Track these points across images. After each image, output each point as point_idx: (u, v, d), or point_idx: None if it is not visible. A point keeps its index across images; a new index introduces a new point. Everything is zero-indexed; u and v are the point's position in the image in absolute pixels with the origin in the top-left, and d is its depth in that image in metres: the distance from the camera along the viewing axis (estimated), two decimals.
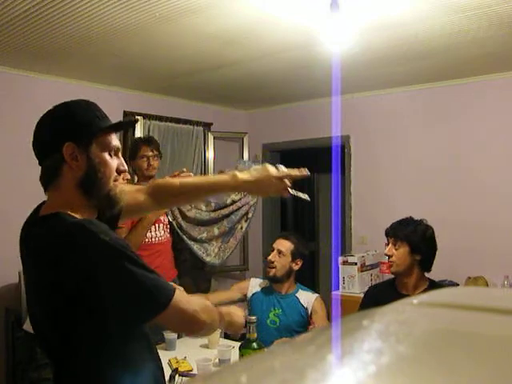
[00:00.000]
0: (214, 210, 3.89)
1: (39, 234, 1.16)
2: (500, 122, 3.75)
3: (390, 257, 2.46)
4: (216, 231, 3.90)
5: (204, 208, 3.85)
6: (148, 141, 3.31)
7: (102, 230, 1.11)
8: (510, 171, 3.67)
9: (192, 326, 1.21)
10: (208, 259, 3.81)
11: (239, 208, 3.92)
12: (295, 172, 1.58)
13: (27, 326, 2.24)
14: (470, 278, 3.54)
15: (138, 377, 1.19)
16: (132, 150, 3.29)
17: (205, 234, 3.84)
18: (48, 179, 1.20)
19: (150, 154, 3.22)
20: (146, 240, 3.20)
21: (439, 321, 0.55)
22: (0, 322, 3.39)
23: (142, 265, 1.11)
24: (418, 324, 0.54)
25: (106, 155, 1.21)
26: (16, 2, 2.34)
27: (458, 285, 3.60)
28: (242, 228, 4.00)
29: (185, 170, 2.18)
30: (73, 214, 1.17)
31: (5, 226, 3.32)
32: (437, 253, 2.49)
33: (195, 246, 3.79)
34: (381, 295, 2.45)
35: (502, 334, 0.49)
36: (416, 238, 2.40)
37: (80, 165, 1.17)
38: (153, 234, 3.24)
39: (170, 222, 3.51)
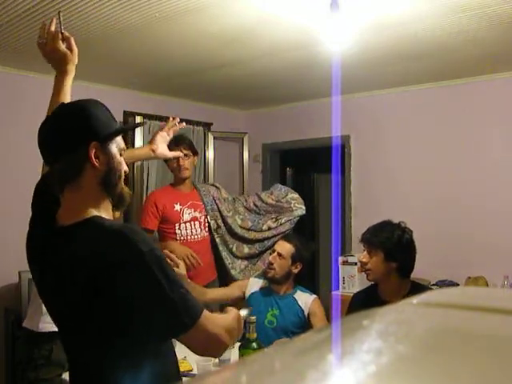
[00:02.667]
0: (249, 230, 3.66)
1: (77, 242, 1.15)
2: (500, 122, 3.75)
3: (365, 264, 2.33)
4: (246, 250, 3.67)
5: (239, 222, 3.64)
6: (177, 140, 3.11)
7: (141, 238, 1.12)
8: (510, 171, 3.67)
9: (214, 349, 1.20)
10: (233, 272, 3.57)
11: (274, 236, 3.64)
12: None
13: (27, 323, 2.24)
14: (470, 277, 3.54)
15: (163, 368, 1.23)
16: None
17: (234, 247, 3.63)
18: (66, 178, 1.20)
19: (180, 154, 3.11)
20: (182, 238, 3.15)
21: (439, 321, 0.55)
22: (0, 322, 3.39)
23: (174, 280, 1.11)
24: (417, 324, 0.54)
25: (119, 155, 1.25)
26: (16, 2, 2.34)
27: (458, 285, 3.60)
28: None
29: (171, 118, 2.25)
30: (102, 216, 1.19)
31: (5, 226, 3.32)
32: (437, 253, 2.47)
33: (224, 253, 3.58)
34: (364, 302, 2.35)
35: (502, 334, 0.49)
36: (391, 245, 2.26)
37: (102, 163, 1.19)
38: (188, 231, 3.18)
39: (208, 222, 3.39)
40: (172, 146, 3.16)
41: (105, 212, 1.23)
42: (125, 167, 1.27)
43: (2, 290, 3.43)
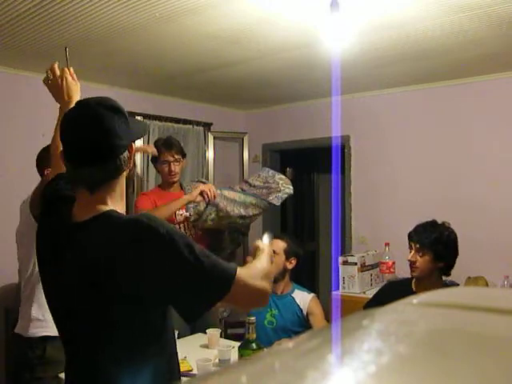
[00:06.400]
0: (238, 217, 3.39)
1: (96, 232, 1.18)
2: (500, 122, 3.75)
3: (413, 263, 2.42)
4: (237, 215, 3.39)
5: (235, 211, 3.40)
6: (168, 145, 3.17)
7: (159, 223, 1.15)
8: (510, 171, 3.67)
9: (259, 300, 1.23)
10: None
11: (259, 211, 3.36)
12: None
13: (18, 330, 2.22)
14: (470, 277, 3.54)
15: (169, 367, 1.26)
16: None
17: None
18: (100, 181, 1.22)
19: (171, 159, 3.13)
20: None
21: (439, 321, 0.55)
22: (0, 322, 3.39)
23: (200, 251, 1.14)
24: (417, 324, 0.54)
25: None
26: (16, 2, 2.34)
27: (458, 285, 3.59)
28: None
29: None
30: (118, 211, 1.23)
31: (5, 226, 3.32)
32: None
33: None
34: (397, 293, 2.42)
35: (502, 333, 0.49)
36: (441, 245, 2.37)
37: (130, 165, 1.26)
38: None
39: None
40: (162, 149, 3.15)
41: (120, 206, 1.27)
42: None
43: (2, 290, 3.43)
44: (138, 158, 4.19)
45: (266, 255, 1.33)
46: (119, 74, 3.72)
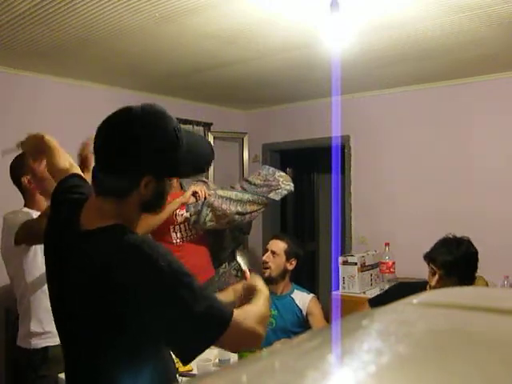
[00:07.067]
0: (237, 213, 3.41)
1: (103, 244, 1.15)
2: (500, 122, 3.75)
3: (434, 287, 2.20)
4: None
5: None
6: None
7: (160, 252, 1.11)
8: (510, 171, 3.68)
9: (251, 342, 1.20)
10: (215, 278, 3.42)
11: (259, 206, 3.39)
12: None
13: (20, 343, 2.22)
14: None
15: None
16: None
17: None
18: (112, 191, 1.19)
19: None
20: (178, 240, 3.15)
21: (439, 321, 0.55)
22: (0, 322, 3.38)
23: (199, 291, 1.10)
24: (417, 324, 0.54)
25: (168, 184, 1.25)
26: (16, 2, 2.34)
27: None
28: None
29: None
30: (125, 227, 1.18)
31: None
32: None
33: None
34: (405, 294, 2.35)
35: (502, 333, 0.49)
36: (466, 269, 2.16)
37: (149, 192, 1.18)
38: (183, 233, 3.17)
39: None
40: None
41: (132, 222, 1.23)
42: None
43: (2, 290, 3.42)
44: None
45: (265, 299, 1.28)
46: (119, 74, 3.72)
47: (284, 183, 3.33)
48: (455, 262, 2.15)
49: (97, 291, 1.12)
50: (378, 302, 2.51)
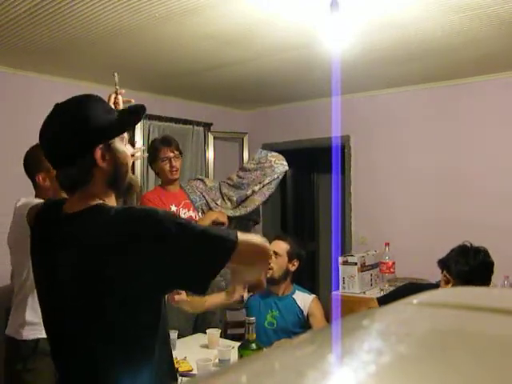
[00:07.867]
0: (237, 207, 3.49)
1: (88, 224, 1.18)
2: (500, 122, 3.75)
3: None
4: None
5: (229, 204, 3.49)
6: (167, 141, 3.16)
7: (149, 208, 1.22)
8: (510, 172, 3.68)
9: (263, 254, 1.28)
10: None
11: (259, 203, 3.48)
12: None
13: (9, 331, 2.21)
14: None
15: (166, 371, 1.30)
16: (151, 153, 3.17)
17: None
18: (77, 183, 1.21)
19: (171, 155, 3.11)
20: None
21: (439, 321, 0.55)
22: (0, 322, 3.38)
23: (196, 224, 1.21)
24: (417, 324, 0.54)
25: (123, 146, 1.27)
26: (16, 2, 2.34)
27: None
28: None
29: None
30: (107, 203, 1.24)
31: (4, 225, 3.31)
32: (437, 252, 2.48)
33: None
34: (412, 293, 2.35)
35: (502, 333, 0.49)
36: (481, 280, 2.15)
37: (109, 163, 1.21)
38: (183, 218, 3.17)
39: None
40: (161, 146, 3.14)
41: (110, 201, 1.27)
42: (129, 157, 1.29)
43: (2, 290, 3.42)
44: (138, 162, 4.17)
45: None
46: (119, 74, 3.71)
47: (277, 163, 3.31)
48: (470, 272, 2.13)
49: (89, 269, 1.13)
50: (386, 300, 2.51)
